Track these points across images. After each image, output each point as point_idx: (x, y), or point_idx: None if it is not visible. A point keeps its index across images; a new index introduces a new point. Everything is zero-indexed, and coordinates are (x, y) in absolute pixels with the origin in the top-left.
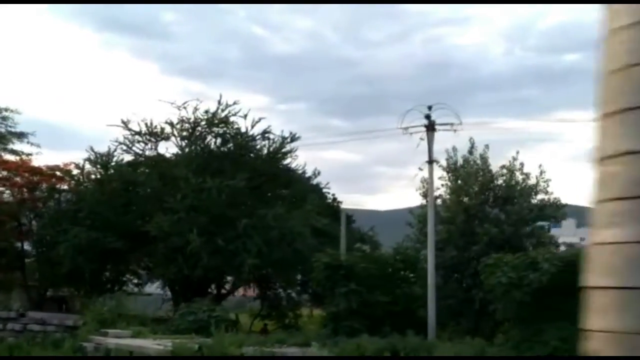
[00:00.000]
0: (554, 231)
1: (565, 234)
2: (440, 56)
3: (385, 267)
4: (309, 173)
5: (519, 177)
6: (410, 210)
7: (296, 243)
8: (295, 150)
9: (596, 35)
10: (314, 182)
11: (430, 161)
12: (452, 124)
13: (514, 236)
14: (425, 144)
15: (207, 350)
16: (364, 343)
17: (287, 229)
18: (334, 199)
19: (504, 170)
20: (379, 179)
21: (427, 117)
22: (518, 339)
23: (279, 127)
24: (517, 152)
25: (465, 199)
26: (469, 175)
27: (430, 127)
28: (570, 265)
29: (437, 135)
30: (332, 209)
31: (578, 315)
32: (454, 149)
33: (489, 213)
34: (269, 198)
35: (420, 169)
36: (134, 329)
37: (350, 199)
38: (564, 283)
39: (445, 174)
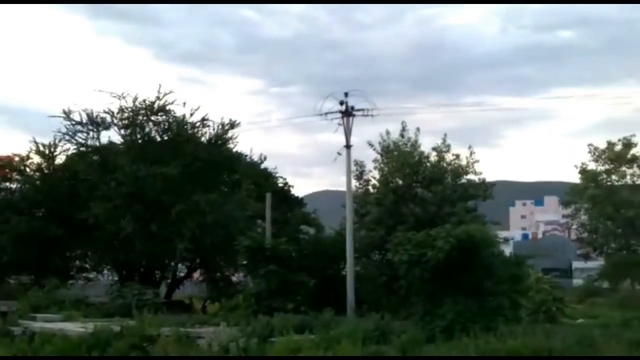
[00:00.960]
0: (537, 209)
1: (547, 211)
2: (433, 36)
3: (319, 249)
4: (272, 163)
5: (448, 158)
6: None
7: (230, 227)
8: (237, 136)
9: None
10: (271, 168)
11: (348, 146)
12: (368, 110)
13: (437, 215)
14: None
15: (127, 331)
16: (273, 320)
17: (222, 214)
18: (285, 184)
19: (434, 152)
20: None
21: (342, 103)
22: (421, 313)
23: (273, 110)
24: (445, 135)
25: (399, 181)
26: (399, 157)
27: (347, 113)
28: (466, 242)
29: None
30: (283, 193)
31: (473, 289)
32: (387, 132)
33: (419, 193)
34: (208, 184)
35: (339, 154)
36: (66, 313)
37: (339, 181)
38: (460, 259)
39: (379, 156)
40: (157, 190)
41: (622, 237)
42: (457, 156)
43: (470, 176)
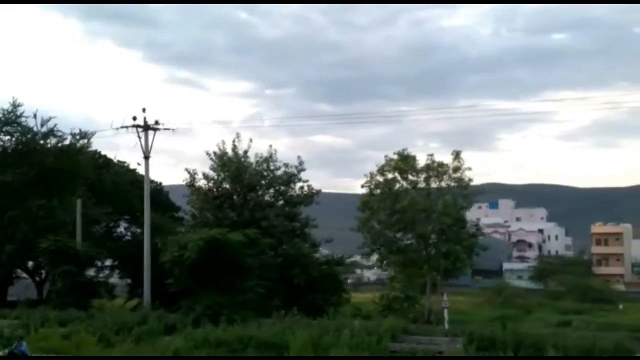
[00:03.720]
0: (492, 212)
1: (502, 214)
2: (427, 39)
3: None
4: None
5: (277, 166)
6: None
7: (60, 231)
8: (89, 146)
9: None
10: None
11: (147, 157)
12: (162, 124)
13: (252, 219)
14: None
15: None
16: (50, 314)
17: (55, 219)
18: (160, 188)
19: (260, 160)
20: (366, 162)
21: (134, 118)
22: (184, 306)
23: (266, 113)
24: (271, 145)
25: (227, 186)
26: (224, 165)
27: (147, 127)
28: (212, 244)
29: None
30: (158, 196)
31: (225, 286)
32: (223, 142)
33: (235, 200)
34: (50, 191)
35: (139, 164)
36: None
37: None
38: (213, 259)
39: (215, 165)
40: None
41: (398, 239)
42: (287, 165)
43: (300, 184)
